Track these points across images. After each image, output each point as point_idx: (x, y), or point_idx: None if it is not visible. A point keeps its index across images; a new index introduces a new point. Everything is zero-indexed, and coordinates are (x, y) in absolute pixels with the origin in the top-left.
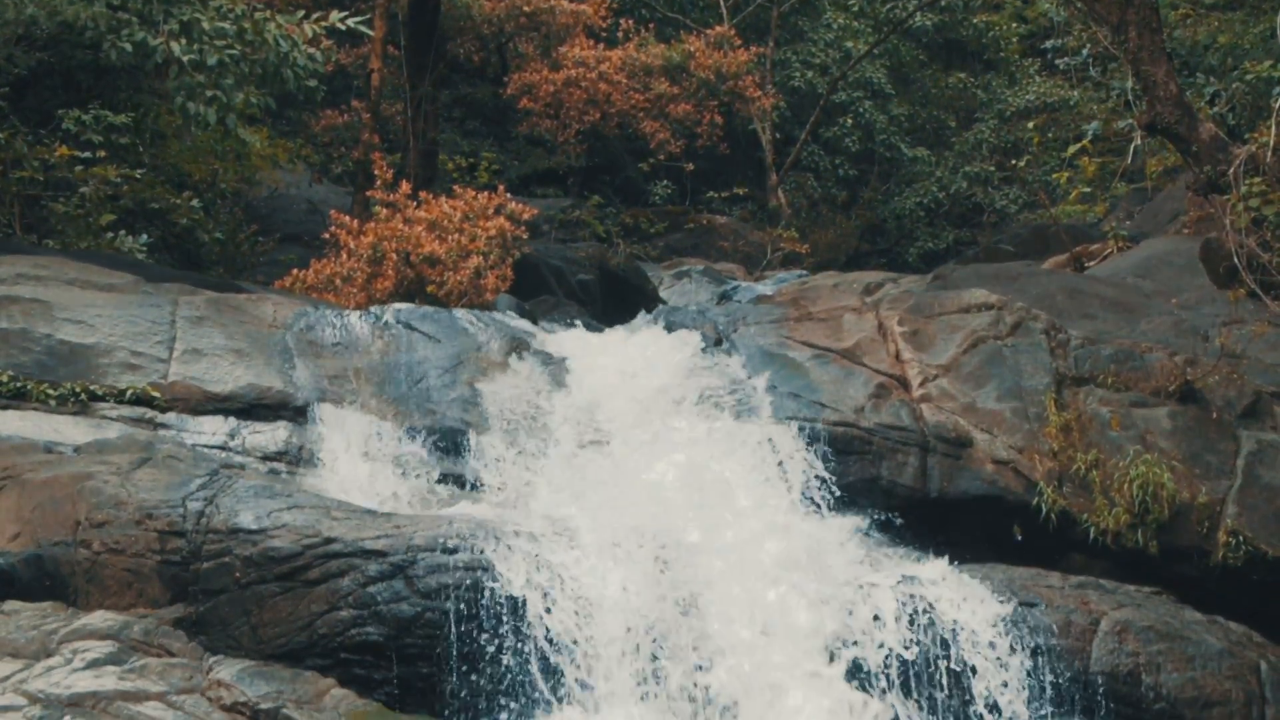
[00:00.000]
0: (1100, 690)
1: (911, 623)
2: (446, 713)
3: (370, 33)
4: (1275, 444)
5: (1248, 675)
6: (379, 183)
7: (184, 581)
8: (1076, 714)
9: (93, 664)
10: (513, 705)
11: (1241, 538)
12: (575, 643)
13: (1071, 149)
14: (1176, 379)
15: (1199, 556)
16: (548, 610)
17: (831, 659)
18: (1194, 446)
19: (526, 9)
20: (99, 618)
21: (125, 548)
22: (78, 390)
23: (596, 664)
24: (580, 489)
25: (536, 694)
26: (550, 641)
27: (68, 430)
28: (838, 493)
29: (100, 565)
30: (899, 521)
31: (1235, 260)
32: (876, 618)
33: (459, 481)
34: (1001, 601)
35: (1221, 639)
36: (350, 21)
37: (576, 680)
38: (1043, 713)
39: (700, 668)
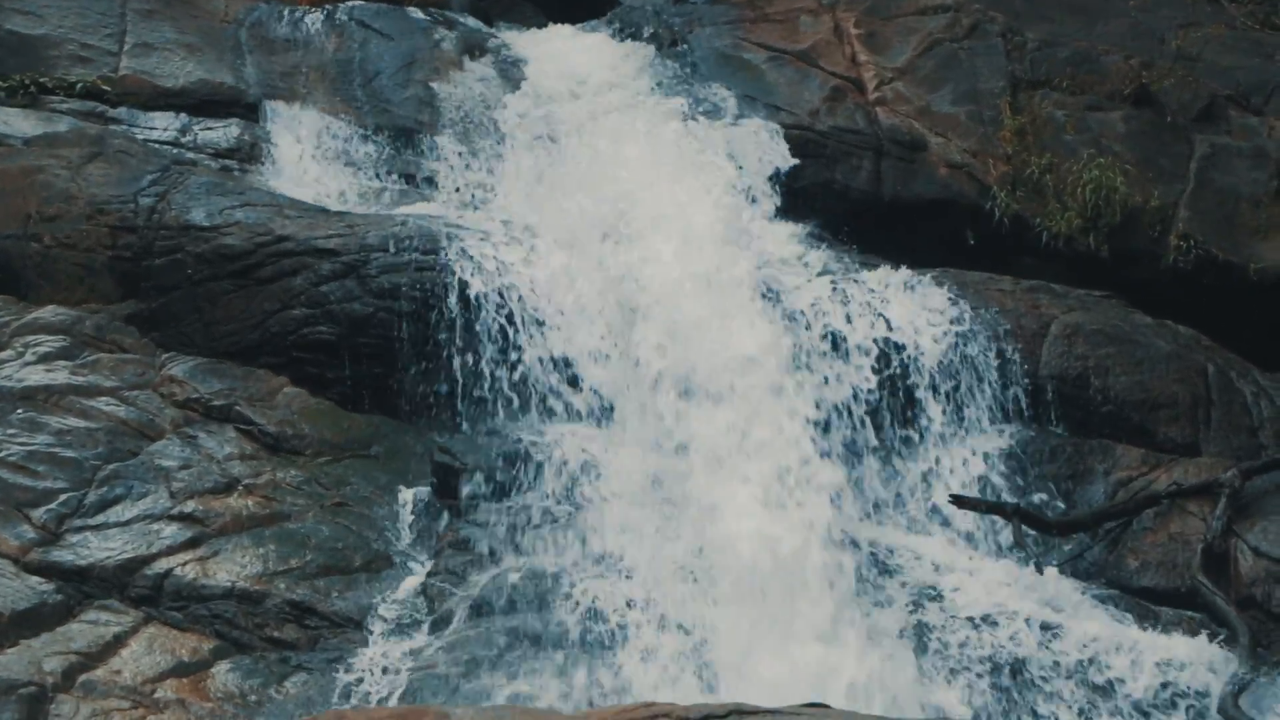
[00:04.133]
0: (1049, 393)
1: (851, 319)
2: (402, 414)
3: None
4: (1229, 147)
5: (1195, 377)
6: None
7: (136, 277)
8: (1025, 417)
9: (44, 358)
10: (468, 407)
11: (1192, 241)
12: (531, 341)
13: None
14: (1132, 82)
15: (1150, 260)
16: (502, 311)
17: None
18: (1148, 150)
19: None
20: (50, 312)
21: (76, 242)
22: (26, 82)
23: (554, 365)
24: (534, 189)
25: (491, 395)
26: (505, 342)
27: (17, 123)
28: (791, 195)
29: (52, 259)
30: (853, 225)
31: None
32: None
33: (412, 181)
34: (952, 303)
35: (1170, 342)
36: None
37: (534, 381)
38: (991, 416)
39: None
